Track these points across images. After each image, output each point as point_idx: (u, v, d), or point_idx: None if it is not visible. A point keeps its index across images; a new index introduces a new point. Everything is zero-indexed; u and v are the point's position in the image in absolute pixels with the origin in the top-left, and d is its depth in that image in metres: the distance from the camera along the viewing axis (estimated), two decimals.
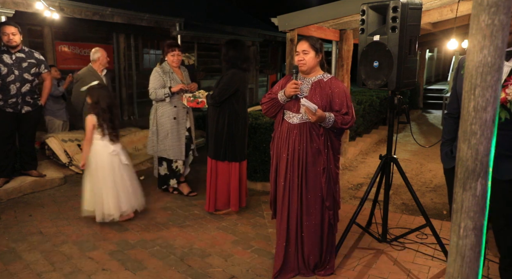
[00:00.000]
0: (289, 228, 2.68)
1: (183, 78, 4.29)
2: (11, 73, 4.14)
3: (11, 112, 4.21)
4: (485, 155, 0.97)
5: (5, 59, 4.11)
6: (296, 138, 2.62)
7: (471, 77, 0.96)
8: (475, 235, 1.00)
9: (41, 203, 4.13)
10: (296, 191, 2.64)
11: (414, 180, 5.03)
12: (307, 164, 2.61)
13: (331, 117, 2.51)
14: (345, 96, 2.60)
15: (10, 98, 4.16)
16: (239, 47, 3.68)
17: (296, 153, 2.61)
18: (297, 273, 2.73)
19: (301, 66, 2.63)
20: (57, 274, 2.74)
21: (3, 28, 4.09)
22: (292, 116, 2.66)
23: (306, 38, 2.67)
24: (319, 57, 2.66)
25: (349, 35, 5.08)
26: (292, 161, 2.63)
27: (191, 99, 4.06)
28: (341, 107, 2.58)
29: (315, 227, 2.67)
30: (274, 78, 14.26)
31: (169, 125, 4.14)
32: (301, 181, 2.63)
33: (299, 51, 2.63)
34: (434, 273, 2.79)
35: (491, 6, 0.90)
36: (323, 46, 2.71)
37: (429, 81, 16.03)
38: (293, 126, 2.64)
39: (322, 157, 2.60)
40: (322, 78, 2.66)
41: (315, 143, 2.60)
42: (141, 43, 9.71)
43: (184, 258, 3.01)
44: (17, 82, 4.19)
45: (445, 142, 2.40)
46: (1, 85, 4.10)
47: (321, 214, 2.66)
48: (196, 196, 4.39)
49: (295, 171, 2.63)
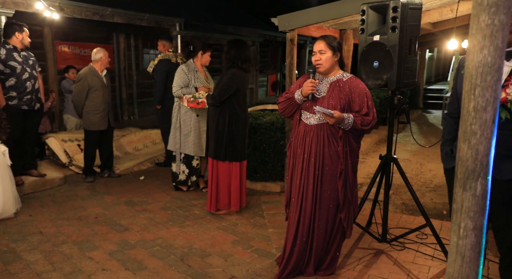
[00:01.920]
0: (299, 229, 2.63)
1: (206, 77, 4.40)
2: (24, 71, 4.23)
3: (26, 110, 4.29)
4: (485, 155, 0.97)
5: (17, 58, 4.18)
6: (313, 140, 2.54)
7: (471, 77, 0.96)
8: (475, 235, 1.00)
9: (41, 203, 4.13)
10: (310, 194, 2.57)
11: (414, 180, 5.03)
12: (323, 166, 2.53)
13: (350, 118, 2.43)
14: (365, 96, 2.51)
15: (26, 96, 4.25)
16: (240, 47, 3.68)
17: (313, 155, 2.54)
18: (300, 274, 2.72)
19: (318, 66, 2.55)
20: (57, 274, 2.74)
21: (25, 28, 4.22)
22: (309, 117, 2.58)
23: (323, 37, 2.56)
24: (337, 56, 2.56)
25: (349, 35, 5.09)
26: (308, 163, 2.56)
27: (191, 100, 4.06)
28: (361, 107, 2.50)
29: (327, 231, 2.62)
30: (274, 78, 14.26)
31: (192, 122, 4.24)
32: (316, 184, 2.56)
33: (315, 51, 2.54)
34: (434, 273, 2.79)
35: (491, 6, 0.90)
36: (341, 45, 2.62)
37: (429, 81, 16.03)
38: (310, 127, 2.56)
39: (340, 160, 2.51)
40: (341, 78, 2.57)
41: (333, 145, 2.51)
42: (141, 43, 9.71)
43: (184, 258, 3.01)
44: (31, 79, 4.29)
45: (445, 142, 2.40)
46: (16, 83, 4.17)
47: (333, 217, 2.60)
48: (196, 196, 4.39)
49: (311, 173, 2.55)
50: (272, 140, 4.37)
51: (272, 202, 4.21)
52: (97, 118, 4.76)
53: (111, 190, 4.58)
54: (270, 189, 4.55)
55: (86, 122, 4.81)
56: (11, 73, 4.13)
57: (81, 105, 4.78)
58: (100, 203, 4.15)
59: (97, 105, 4.74)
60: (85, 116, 4.80)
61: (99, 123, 4.78)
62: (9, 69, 4.11)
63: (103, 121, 4.80)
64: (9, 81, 4.14)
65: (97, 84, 4.74)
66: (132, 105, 9.46)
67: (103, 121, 4.81)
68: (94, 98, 4.74)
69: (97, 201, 4.21)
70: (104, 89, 4.79)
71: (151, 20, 7.16)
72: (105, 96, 4.81)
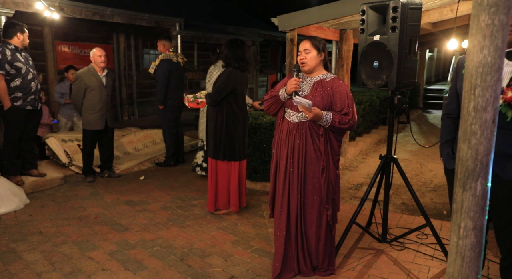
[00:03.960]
0: (289, 227, 2.69)
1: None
2: (28, 71, 4.24)
3: (30, 110, 4.30)
4: (485, 155, 0.97)
5: (20, 58, 4.19)
6: (295, 137, 2.62)
7: (471, 77, 0.96)
8: (475, 235, 1.00)
9: (41, 203, 4.13)
10: (295, 190, 2.64)
11: (414, 180, 5.03)
12: (306, 163, 2.61)
13: (329, 116, 2.50)
14: (346, 97, 2.58)
15: (30, 96, 4.26)
16: (233, 46, 3.70)
17: (296, 152, 2.61)
18: (297, 273, 2.73)
19: (302, 65, 2.63)
20: (57, 274, 2.74)
21: (25, 29, 4.23)
22: (292, 115, 2.65)
23: (309, 37, 2.67)
24: (321, 56, 2.65)
25: (349, 35, 5.08)
26: (291, 160, 2.63)
27: (192, 100, 4.07)
28: (342, 107, 2.56)
29: (314, 227, 2.67)
30: (274, 78, 14.24)
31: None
32: (300, 180, 2.63)
33: (301, 50, 2.63)
34: (434, 273, 2.79)
35: (491, 6, 0.90)
36: (326, 46, 2.69)
37: (429, 81, 16.03)
38: (292, 125, 2.64)
39: (322, 157, 2.59)
40: (324, 78, 2.65)
41: (315, 142, 2.59)
42: (141, 43, 9.71)
43: (184, 258, 3.01)
44: (35, 79, 4.31)
45: (445, 143, 2.38)
46: (22, 84, 4.17)
47: (319, 213, 2.66)
48: (196, 196, 4.39)
49: (295, 169, 2.63)
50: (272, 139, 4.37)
51: None
52: (93, 118, 4.76)
53: (111, 190, 4.58)
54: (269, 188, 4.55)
55: (84, 121, 4.82)
56: (16, 74, 4.13)
57: (79, 104, 4.79)
58: (100, 203, 4.15)
59: (93, 105, 4.74)
60: (83, 115, 4.81)
61: (95, 123, 4.78)
62: (14, 70, 4.11)
63: (99, 121, 4.79)
64: (14, 82, 4.14)
65: (95, 84, 4.73)
66: (132, 105, 9.46)
67: (100, 121, 4.80)
68: (91, 98, 4.74)
69: (97, 201, 4.21)
70: (101, 89, 4.78)
71: (151, 20, 7.16)
72: (102, 96, 4.79)
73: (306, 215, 2.66)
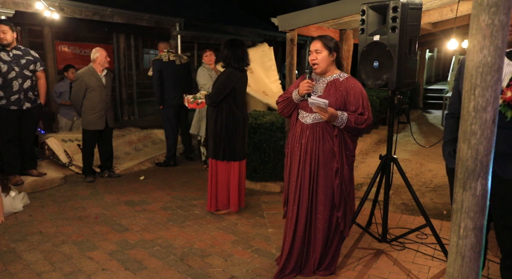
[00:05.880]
0: (297, 228, 2.66)
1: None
2: (11, 70, 4.18)
3: (15, 110, 4.25)
4: (485, 155, 0.97)
5: (3, 57, 4.14)
6: (308, 138, 2.58)
7: (471, 77, 0.96)
8: (475, 235, 1.00)
9: (41, 203, 4.13)
10: (306, 192, 2.61)
11: (414, 180, 5.03)
12: (319, 164, 2.57)
13: (344, 116, 2.46)
14: (361, 96, 2.54)
15: (13, 95, 4.20)
16: (233, 47, 3.70)
17: (308, 153, 2.58)
18: (298, 273, 2.73)
19: (314, 66, 2.59)
20: (57, 274, 2.74)
21: (4, 25, 4.13)
22: (305, 116, 2.62)
23: (320, 37, 2.61)
24: (333, 56, 2.60)
25: (349, 35, 5.08)
26: (304, 161, 2.60)
27: (191, 101, 4.07)
28: (357, 107, 2.52)
29: (323, 229, 2.63)
30: None
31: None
32: (312, 182, 2.60)
33: (312, 51, 2.59)
34: (434, 273, 2.79)
35: (491, 6, 0.90)
36: (338, 45, 2.65)
37: (429, 81, 16.03)
38: (306, 126, 2.61)
39: (336, 159, 2.55)
40: (338, 78, 2.60)
41: (328, 143, 2.55)
42: (141, 43, 9.71)
43: (184, 258, 3.01)
44: (19, 78, 4.23)
45: (447, 142, 2.38)
46: (3, 83, 4.13)
47: (329, 216, 2.63)
48: (196, 196, 4.39)
49: (307, 171, 2.59)
50: (272, 139, 4.37)
51: (272, 202, 4.21)
52: (93, 118, 4.76)
53: (111, 190, 4.58)
54: (270, 189, 4.55)
55: (84, 121, 4.82)
56: None
57: (79, 104, 4.79)
58: (100, 203, 4.15)
59: (94, 105, 4.74)
60: (83, 115, 4.81)
61: (96, 123, 4.78)
62: None
63: (99, 121, 4.79)
64: None
65: (95, 84, 4.73)
66: (132, 105, 9.46)
67: (100, 121, 4.80)
68: (91, 98, 4.74)
69: (97, 201, 4.21)
70: (102, 89, 4.78)
71: (151, 20, 7.16)
72: (103, 96, 4.80)
73: (317, 216, 2.63)
